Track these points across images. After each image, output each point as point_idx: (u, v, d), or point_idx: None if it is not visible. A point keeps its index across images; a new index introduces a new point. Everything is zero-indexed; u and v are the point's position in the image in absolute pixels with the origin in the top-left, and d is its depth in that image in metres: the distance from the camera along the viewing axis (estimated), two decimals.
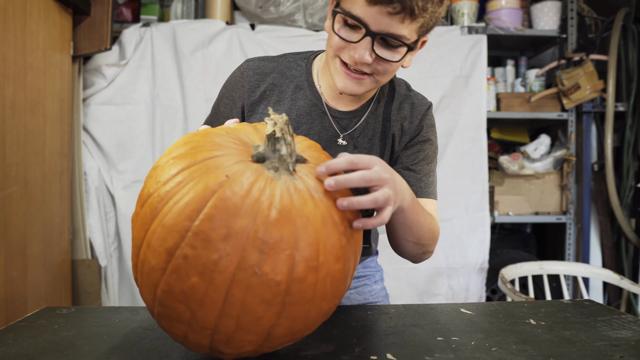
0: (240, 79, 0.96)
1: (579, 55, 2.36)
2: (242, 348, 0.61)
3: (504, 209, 2.44)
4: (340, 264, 0.61)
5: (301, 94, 0.95)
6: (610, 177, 2.35)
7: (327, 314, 0.66)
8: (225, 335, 0.58)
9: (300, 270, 0.57)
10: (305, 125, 0.94)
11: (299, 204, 0.58)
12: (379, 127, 0.96)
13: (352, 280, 0.72)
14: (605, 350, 0.74)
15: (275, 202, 0.57)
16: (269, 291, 0.55)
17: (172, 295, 0.56)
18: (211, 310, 0.56)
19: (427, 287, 2.30)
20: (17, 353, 0.74)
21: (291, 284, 0.56)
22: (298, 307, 0.58)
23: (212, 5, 2.33)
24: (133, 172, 2.21)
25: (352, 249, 0.66)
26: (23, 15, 1.60)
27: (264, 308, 0.56)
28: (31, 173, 1.64)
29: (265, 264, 0.55)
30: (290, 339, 0.64)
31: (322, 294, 0.60)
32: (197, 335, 0.59)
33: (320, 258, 0.58)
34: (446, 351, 0.74)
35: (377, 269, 1.21)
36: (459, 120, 2.31)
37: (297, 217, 0.57)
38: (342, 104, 0.95)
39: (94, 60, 2.19)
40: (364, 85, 0.84)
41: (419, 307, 0.98)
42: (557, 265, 1.90)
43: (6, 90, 1.49)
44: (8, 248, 1.49)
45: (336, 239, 0.61)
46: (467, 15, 2.37)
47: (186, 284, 0.55)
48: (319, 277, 0.58)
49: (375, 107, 0.96)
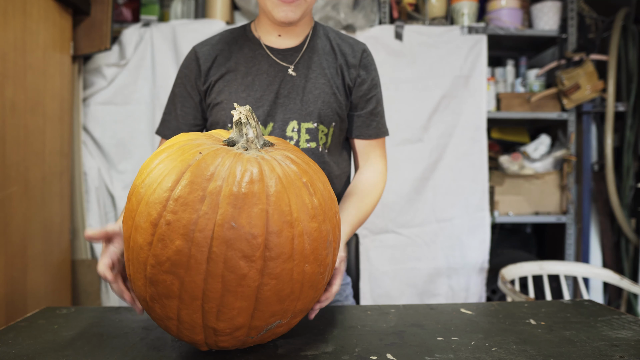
0: (192, 54, 1.09)
1: (579, 55, 2.36)
2: (234, 320, 0.62)
3: (504, 209, 2.44)
4: (315, 223, 0.65)
5: (244, 45, 1.08)
6: (610, 177, 2.35)
7: (314, 284, 0.67)
8: (214, 303, 0.61)
9: (275, 224, 0.61)
10: (254, 67, 1.05)
11: (268, 168, 0.65)
12: (323, 59, 1.07)
13: (336, 258, 0.75)
14: (605, 350, 0.74)
15: (246, 167, 0.63)
16: (247, 245, 0.59)
17: (160, 266, 0.60)
18: (197, 273, 0.59)
19: (427, 287, 2.30)
20: (17, 353, 0.74)
21: (268, 237, 0.60)
22: (279, 263, 0.61)
23: (212, 5, 2.33)
24: (133, 172, 2.21)
25: (327, 215, 0.68)
26: (23, 15, 1.60)
27: (246, 264, 0.59)
28: (31, 173, 1.64)
29: (240, 217, 0.59)
30: (280, 309, 0.64)
31: (302, 253, 0.63)
32: (189, 311, 0.62)
33: (294, 214, 0.63)
34: (446, 351, 0.74)
35: (345, 281, 1.20)
36: (459, 120, 2.31)
37: (267, 178, 0.63)
38: (283, 43, 1.07)
39: (94, 60, 2.19)
40: (299, 7, 0.98)
41: (419, 307, 0.98)
42: (557, 265, 1.90)
43: (6, 90, 1.49)
44: (8, 248, 1.49)
45: (307, 198, 0.65)
46: (467, 15, 2.37)
47: (171, 249, 0.59)
48: (295, 232, 0.62)
49: (313, 43, 1.08)
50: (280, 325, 0.69)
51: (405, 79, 2.27)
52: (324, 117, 1.04)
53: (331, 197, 0.73)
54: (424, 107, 2.29)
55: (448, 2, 2.43)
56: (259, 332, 0.67)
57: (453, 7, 2.40)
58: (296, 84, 1.05)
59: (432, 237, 2.29)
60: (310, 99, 1.04)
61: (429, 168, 2.30)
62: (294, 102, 1.04)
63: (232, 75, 1.05)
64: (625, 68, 2.40)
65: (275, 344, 0.78)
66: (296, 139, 1.03)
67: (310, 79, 1.05)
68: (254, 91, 1.04)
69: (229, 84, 1.05)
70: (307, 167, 0.71)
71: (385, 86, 2.28)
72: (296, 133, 1.03)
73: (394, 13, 2.38)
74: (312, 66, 1.06)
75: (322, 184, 0.72)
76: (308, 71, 1.06)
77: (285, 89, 1.04)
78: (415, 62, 2.29)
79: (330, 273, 0.74)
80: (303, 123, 1.03)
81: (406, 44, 2.28)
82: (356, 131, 1.11)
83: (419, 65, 2.29)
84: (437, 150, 2.30)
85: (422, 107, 2.29)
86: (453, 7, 2.40)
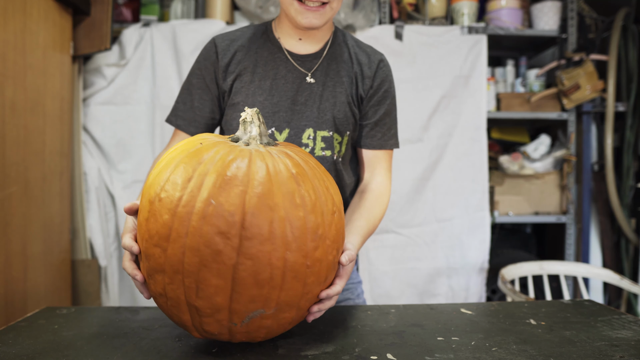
0: (212, 47, 1.06)
1: (579, 55, 2.36)
2: (212, 299, 0.65)
3: (504, 209, 2.44)
4: (300, 212, 0.66)
5: (264, 47, 1.06)
6: (610, 177, 2.35)
7: (299, 276, 0.67)
8: (193, 278, 0.64)
9: (253, 204, 0.64)
10: (272, 70, 1.04)
11: (259, 158, 0.68)
12: (341, 67, 1.06)
13: (333, 257, 0.74)
14: (605, 350, 0.74)
15: (237, 155, 0.68)
16: (224, 221, 0.63)
17: (151, 239, 0.66)
18: (178, 246, 0.64)
19: (427, 287, 2.30)
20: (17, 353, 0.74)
21: (245, 217, 0.63)
22: (255, 244, 0.63)
23: (212, 5, 2.33)
24: (133, 172, 2.21)
25: (318, 209, 0.69)
26: (23, 15, 1.60)
27: (221, 240, 0.62)
28: (31, 173, 1.64)
29: (220, 196, 0.64)
30: (260, 295, 0.65)
31: (282, 238, 0.65)
32: (173, 286, 0.66)
33: (275, 199, 0.65)
34: (446, 351, 0.74)
35: (357, 280, 1.19)
36: (459, 120, 2.31)
37: (254, 165, 0.67)
38: (302, 48, 1.06)
39: (94, 60, 2.19)
40: (324, 15, 0.97)
41: (419, 307, 0.98)
42: (557, 265, 1.90)
43: (6, 90, 1.49)
44: (8, 248, 1.49)
45: (293, 188, 0.67)
46: (467, 15, 2.37)
47: (159, 222, 0.65)
48: (275, 216, 0.64)
49: (332, 50, 1.08)
50: (264, 316, 0.68)
51: (405, 79, 2.27)
52: (339, 125, 1.04)
53: (330, 196, 0.73)
54: (424, 107, 2.29)
55: (448, 2, 2.43)
56: (241, 319, 0.67)
57: (453, 7, 2.40)
58: (313, 91, 1.04)
59: (432, 237, 2.29)
60: (327, 107, 1.03)
61: (429, 168, 2.30)
62: (311, 109, 1.03)
63: (249, 77, 1.04)
64: (625, 68, 2.40)
65: (275, 344, 0.78)
66: (312, 146, 1.02)
67: (327, 86, 1.04)
68: (271, 96, 1.03)
69: (247, 85, 1.03)
70: (305, 163, 0.73)
71: None
72: (312, 140, 1.02)
73: (394, 13, 2.38)
74: (330, 74, 1.05)
75: (320, 181, 0.73)
76: (326, 79, 1.05)
77: (302, 96, 1.03)
78: (415, 62, 2.29)
79: (326, 271, 0.72)
80: (319, 131, 1.03)
81: (406, 44, 2.28)
82: (361, 140, 1.11)
83: (419, 65, 2.29)
84: (437, 150, 2.30)
85: (422, 107, 2.28)
86: (453, 7, 2.40)
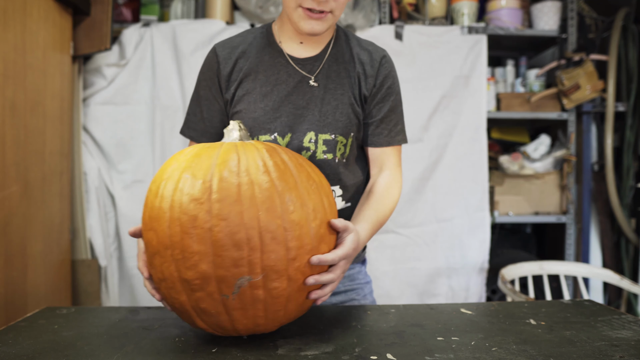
0: (213, 56, 1.07)
1: (579, 55, 2.36)
2: (198, 267, 0.69)
3: (504, 209, 2.44)
4: (266, 177, 0.73)
5: (265, 52, 1.06)
6: (610, 177, 2.35)
7: (278, 238, 0.71)
8: (178, 248, 0.70)
9: (221, 172, 0.72)
10: (273, 76, 1.04)
11: (231, 145, 0.78)
12: (342, 69, 1.06)
13: (317, 227, 0.76)
14: (605, 350, 0.74)
15: (209, 146, 0.79)
16: (196, 189, 0.71)
17: (145, 225, 0.75)
18: (163, 221, 0.72)
19: (427, 287, 2.30)
20: (17, 353, 0.74)
21: (213, 182, 0.71)
22: (226, 205, 0.70)
23: (212, 5, 2.33)
24: (133, 172, 2.21)
25: (287, 179, 0.75)
26: (23, 15, 1.60)
27: (195, 206, 0.70)
28: (31, 173, 1.64)
29: (192, 169, 0.73)
30: (240, 257, 0.69)
31: (251, 199, 0.71)
32: (167, 264, 0.71)
33: (241, 167, 0.73)
34: (446, 351, 0.74)
35: (365, 280, 1.19)
36: (459, 120, 2.31)
37: (224, 146, 0.77)
38: (303, 52, 1.06)
39: (94, 60, 2.19)
40: (326, 21, 0.97)
41: (419, 307, 0.98)
42: (557, 265, 1.90)
43: (6, 90, 1.49)
44: (8, 248, 1.49)
45: (260, 160, 0.75)
46: (467, 15, 2.37)
47: (150, 207, 0.75)
48: (242, 180, 0.72)
49: (335, 51, 1.07)
50: (254, 285, 0.70)
51: (405, 79, 2.26)
52: (342, 128, 1.04)
53: (305, 171, 0.80)
54: (424, 107, 2.29)
55: (448, 2, 2.42)
56: (230, 288, 0.70)
57: (453, 7, 2.40)
58: (315, 94, 1.04)
59: (432, 237, 2.29)
60: (328, 110, 1.03)
61: (429, 168, 2.30)
62: (312, 113, 1.03)
63: (251, 84, 1.04)
64: (625, 68, 2.40)
65: (275, 344, 0.78)
66: (313, 149, 1.03)
67: (329, 89, 1.04)
68: (272, 101, 1.03)
69: (248, 93, 1.04)
70: (280, 150, 0.81)
71: None
72: (313, 144, 1.02)
73: (394, 13, 2.38)
74: (332, 76, 1.05)
75: (294, 160, 0.80)
76: (327, 81, 1.05)
77: (303, 100, 1.03)
78: (415, 62, 2.29)
79: (311, 239, 0.74)
80: (320, 134, 1.03)
81: (406, 44, 2.28)
82: (368, 139, 1.10)
83: (419, 65, 2.29)
84: (437, 150, 2.30)
85: (422, 107, 2.28)
86: (453, 7, 2.40)
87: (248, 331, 0.77)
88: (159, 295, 0.80)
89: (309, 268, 0.75)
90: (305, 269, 0.74)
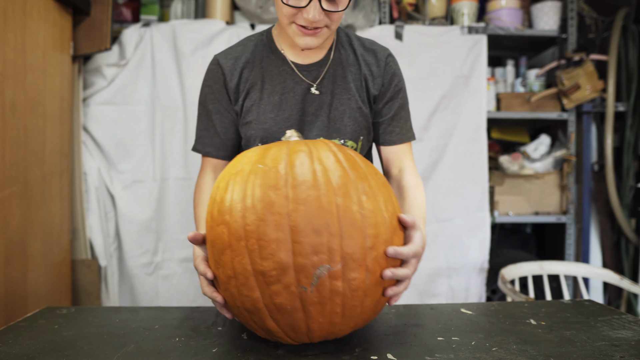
0: (217, 69, 1.05)
1: (579, 55, 2.36)
2: (276, 256, 0.66)
3: (504, 209, 2.44)
4: (339, 165, 0.73)
5: (269, 61, 1.05)
6: (610, 177, 2.35)
7: (356, 223, 0.69)
8: (254, 237, 0.67)
9: (296, 159, 0.72)
10: (280, 85, 1.04)
11: (304, 140, 0.81)
12: (348, 72, 1.06)
13: (390, 219, 0.74)
14: (605, 350, 0.74)
15: (276, 144, 0.81)
16: (272, 176, 0.70)
17: (214, 221, 0.73)
18: (236, 211, 0.70)
19: (427, 287, 2.30)
20: (17, 353, 0.74)
21: (287, 169, 0.71)
22: (304, 190, 0.69)
23: (212, 5, 2.33)
24: (133, 172, 2.21)
25: (359, 170, 0.75)
26: (23, 15, 1.60)
27: (273, 192, 0.68)
28: (31, 173, 1.64)
29: (266, 159, 0.74)
30: (320, 243, 0.66)
31: (328, 185, 0.70)
32: (239, 257, 0.69)
33: (314, 155, 0.74)
34: (446, 351, 0.74)
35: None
36: (459, 120, 2.31)
37: (293, 143, 0.78)
38: (306, 58, 1.05)
39: (94, 60, 2.19)
40: (321, 36, 0.96)
41: (419, 307, 0.98)
42: (557, 265, 1.90)
43: (6, 90, 1.49)
44: (8, 248, 1.49)
45: (333, 155, 0.75)
46: (467, 15, 2.37)
47: (219, 202, 0.74)
48: (318, 167, 0.72)
49: (338, 55, 1.07)
50: (333, 275, 0.66)
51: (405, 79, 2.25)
52: (351, 133, 1.04)
53: (373, 168, 0.79)
54: (424, 107, 2.29)
55: (448, 2, 2.42)
56: (309, 279, 0.66)
57: (453, 7, 2.40)
58: (322, 100, 1.04)
59: (432, 237, 2.29)
60: (336, 115, 1.04)
61: (429, 168, 2.30)
62: (321, 119, 1.04)
63: (258, 94, 1.04)
64: (625, 68, 2.40)
65: (275, 344, 0.78)
66: None
67: (335, 94, 1.05)
68: (282, 110, 1.03)
69: (256, 103, 1.03)
70: (345, 147, 0.81)
71: None
72: None
73: (394, 13, 2.38)
74: (337, 80, 1.05)
75: (359, 155, 0.80)
76: (333, 86, 1.05)
77: (312, 107, 1.04)
78: (415, 62, 2.29)
79: (385, 229, 0.72)
80: (330, 140, 1.01)
81: (406, 44, 2.28)
82: (380, 138, 1.11)
83: (419, 65, 2.29)
84: (437, 150, 2.30)
85: (422, 107, 2.28)
86: (453, 7, 2.40)
87: (322, 332, 0.71)
88: (221, 298, 0.76)
89: (385, 260, 0.71)
90: (382, 261, 0.71)
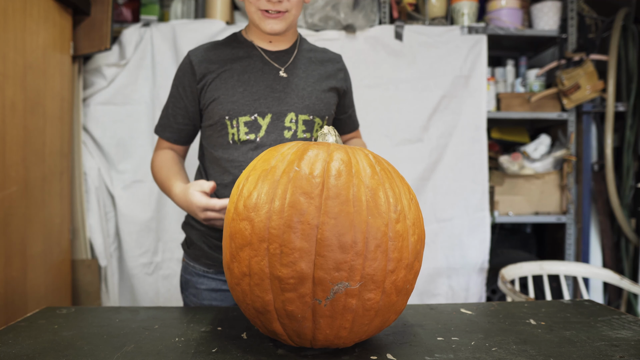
0: (187, 60, 1.15)
1: (579, 55, 2.36)
2: (296, 265, 0.65)
3: (504, 209, 2.44)
4: (375, 182, 0.71)
5: (238, 47, 1.16)
6: (610, 177, 2.35)
7: (381, 244, 0.69)
8: (277, 242, 0.66)
9: (335, 169, 0.69)
10: (249, 65, 1.13)
11: (336, 145, 0.77)
12: (312, 62, 1.18)
13: (417, 244, 0.74)
14: (605, 350, 0.74)
15: (314, 144, 0.78)
16: (307, 183, 0.68)
17: (239, 215, 0.71)
18: (263, 211, 0.68)
19: (427, 287, 2.30)
20: (17, 353, 0.74)
21: (326, 179, 0.68)
22: (337, 204, 0.67)
23: (212, 5, 2.33)
24: (133, 172, 2.21)
25: (394, 188, 0.73)
26: (23, 16, 1.60)
27: (305, 200, 0.67)
28: (31, 173, 1.64)
29: (302, 163, 0.71)
30: (344, 260, 0.65)
31: (362, 203, 0.68)
32: (258, 258, 0.67)
33: (353, 167, 0.71)
34: (446, 351, 0.74)
35: None
36: (459, 120, 2.31)
37: (331, 145, 0.76)
38: (274, 47, 1.16)
39: (94, 60, 2.19)
40: (284, 20, 1.08)
41: (419, 307, 0.98)
42: (557, 265, 1.90)
43: (6, 90, 1.49)
44: (8, 248, 1.49)
45: (369, 166, 0.73)
46: (467, 15, 2.37)
47: (246, 196, 0.71)
48: (355, 182, 0.69)
49: (303, 47, 1.20)
50: (350, 293, 0.66)
51: (405, 79, 2.27)
52: (319, 110, 1.15)
53: (406, 185, 0.77)
54: (424, 107, 2.29)
55: (448, 2, 2.42)
56: (326, 293, 0.65)
57: (453, 7, 2.40)
58: (290, 81, 1.14)
59: (432, 237, 2.29)
60: (305, 94, 1.14)
61: (429, 168, 2.30)
62: (290, 96, 1.12)
63: (228, 74, 1.12)
64: (625, 68, 2.40)
65: (275, 344, 0.78)
66: (294, 129, 1.12)
67: (302, 77, 1.15)
68: (250, 86, 1.11)
69: (226, 81, 1.11)
70: (381, 158, 0.79)
71: (385, 86, 2.28)
72: (294, 124, 1.12)
73: (394, 13, 2.38)
74: (303, 67, 1.17)
75: (395, 173, 0.78)
76: (299, 71, 1.16)
77: (280, 85, 1.13)
78: (415, 62, 2.29)
79: (408, 254, 0.71)
80: (300, 115, 1.12)
81: (406, 44, 2.28)
82: (344, 129, 1.32)
83: (419, 65, 2.29)
84: (437, 150, 2.30)
85: (422, 107, 2.28)
86: (453, 7, 2.40)
87: (325, 342, 0.71)
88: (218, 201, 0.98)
89: (403, 283, 0.71)
90: (400, 284, 0.71)
